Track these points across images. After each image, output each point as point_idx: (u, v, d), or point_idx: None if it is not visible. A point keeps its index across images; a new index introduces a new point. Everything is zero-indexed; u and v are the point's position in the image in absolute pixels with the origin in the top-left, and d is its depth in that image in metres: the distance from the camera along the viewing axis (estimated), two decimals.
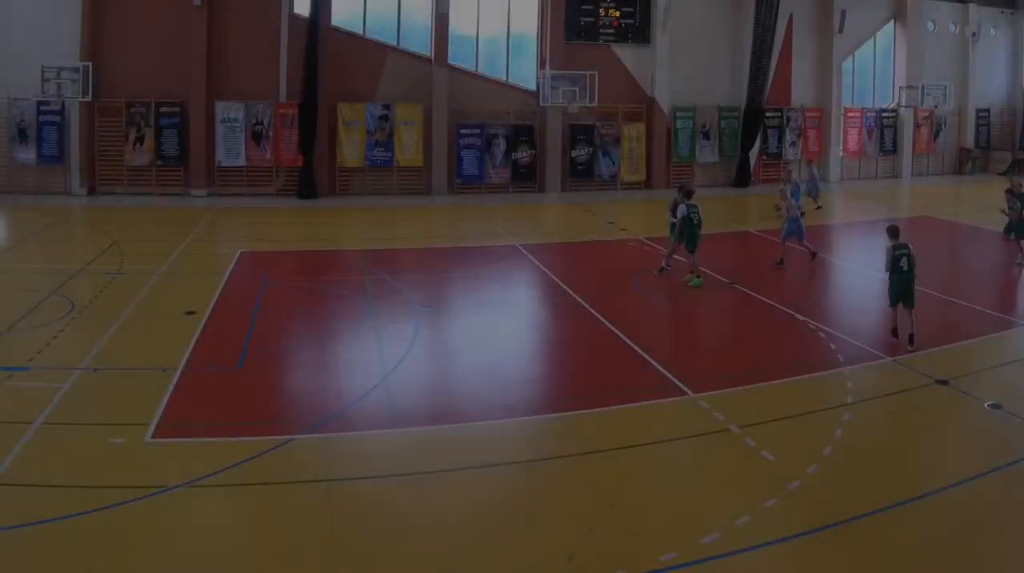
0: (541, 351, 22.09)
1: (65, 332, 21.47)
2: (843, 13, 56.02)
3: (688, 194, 27.77)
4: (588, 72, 49.69)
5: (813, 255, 30.74)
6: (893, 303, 21.03)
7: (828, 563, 11.57)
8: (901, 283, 20.77)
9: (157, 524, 12.24)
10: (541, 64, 51.20)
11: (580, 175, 51.88)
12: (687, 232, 27.18)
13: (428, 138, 49.10)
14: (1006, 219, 32.23)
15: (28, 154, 44.99)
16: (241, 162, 46.87)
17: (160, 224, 36.29)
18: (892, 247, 20.91)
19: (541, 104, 50.17)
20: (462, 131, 49.80)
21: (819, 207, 44.00)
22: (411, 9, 49.51)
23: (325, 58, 46.60)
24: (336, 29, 48.01)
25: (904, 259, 20.68)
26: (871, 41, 59.66)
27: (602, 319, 23.30)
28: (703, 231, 27.60)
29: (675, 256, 28.21)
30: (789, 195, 33.03)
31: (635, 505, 13.20)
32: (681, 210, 27.29)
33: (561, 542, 11.90)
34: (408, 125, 48.69)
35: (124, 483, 13.30)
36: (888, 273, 20.87)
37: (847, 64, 58.57)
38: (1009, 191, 32.16)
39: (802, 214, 31.36)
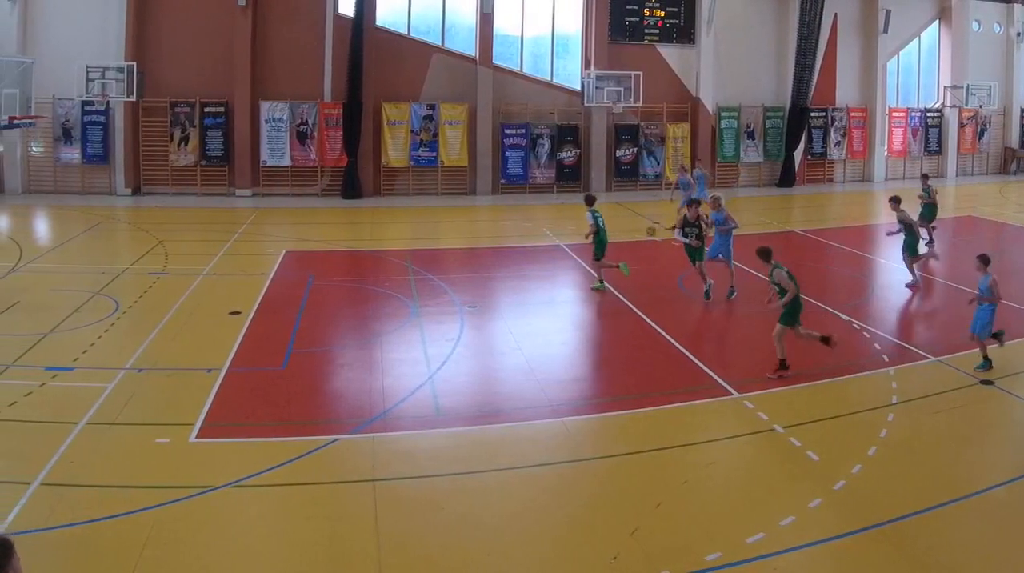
0: (585, 351, 21.56)
1: (110, 332, 21.09)
2: (888, 13, 54.17)
3: (590, 201, 26.91)
4: (633, 72, 48.20)
5: (708, 292, 25.32)
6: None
7: (873, 563, 11.29)
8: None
9: (202, 524, 12.05)
10: (586, 64, 49.75)
11: (625, 175, 50.50)
12: (597, 240, 25.93)
13: (473, 138, 47.91)
14: None
15: (73, 154, 44.30)
16: (286, 162, 45.83)
17: (205, 224, 35.50)
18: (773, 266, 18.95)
19: (586, 104, 48.71)
20: (507, 131, 48.46)
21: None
22: (456, 9, 48.42)
23: (370, 58, 45.52)
24: (381, 29, 46.86)
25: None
26: (916, 41, 57.59)
27: (647, 319, 22.87)
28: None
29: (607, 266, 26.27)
30: (723, 202, 26.47)
31: (680, 505, 12.88)
32: (589, 217, 26.14)
33: (606, 542, 11.70)
34: (453, 125, 47.46)
35: (169, 483, 13.15)
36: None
37: (892, 64, 56.71)
38: None
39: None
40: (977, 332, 18.59)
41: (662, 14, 51.03)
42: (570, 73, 50.64)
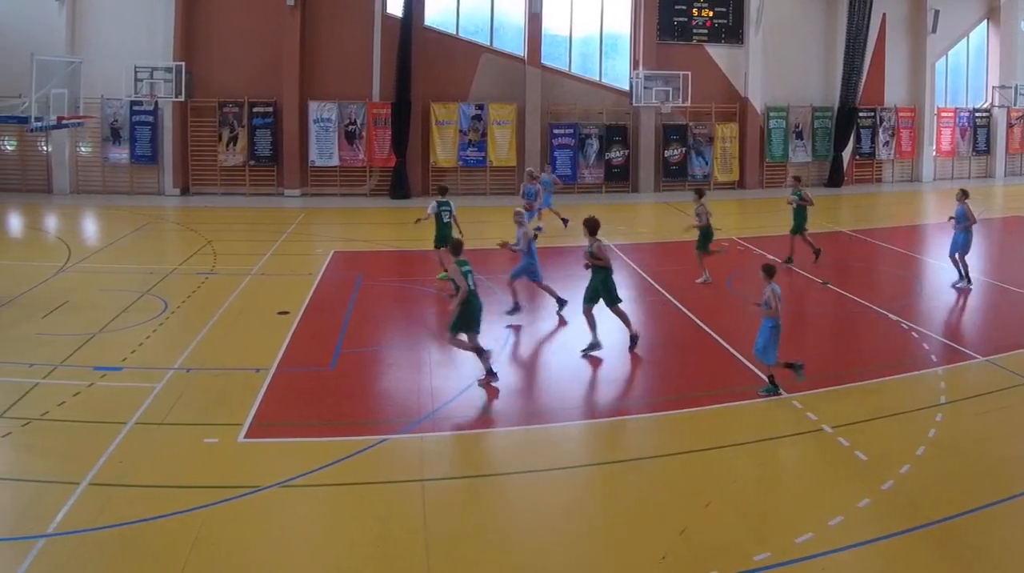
0: (634, 351, 20.21)
1: (158, 332, 20.80)
2: (936, 13, 51.93)
3: (443, 191, 26.89)
4: (681, 72, 46.51)
5: (514, 308, 22.74)
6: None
7: (922, 563, 11.04)
8: None
9: (250, 524, 11.87)
10: (634, 64, 48.03)
11: (673, 175, 48.64)
12: (437, 231, 25.80)
13: (521, 138, 46.37)
14: None
15: (121, 154, 43.57)
16: (334, 162, 44.59)
17: (253, 224, 34.56)
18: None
19: (634, 104, 47.07)
20: (555, 131, 46.87)
21: (564, 221, 35.62)
22: (504, 9, 46.91)
23: (418, 58, 44.24)
24: (429, 29, 45.55)
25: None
26: (964, 41, 55.17)
27: (695, 319, 22.39)
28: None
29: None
30: (525, 219, 23.57)
31: (728, 505, 12.52)
32: (432, 207, 26.01)
33: (654, 542, 11.45)
34: (501, 125, 46.01)
35: (218, 483, 12.94)
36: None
37: (940, 64, 54.42)
38: None
39: (535, 235, 24.15)
40: (758, 354, 17.09)
41: (710, 14, 49.24)
42: (619, 73, 48.92)
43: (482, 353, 17.61)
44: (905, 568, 10.95)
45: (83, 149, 43.69)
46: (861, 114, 51.56)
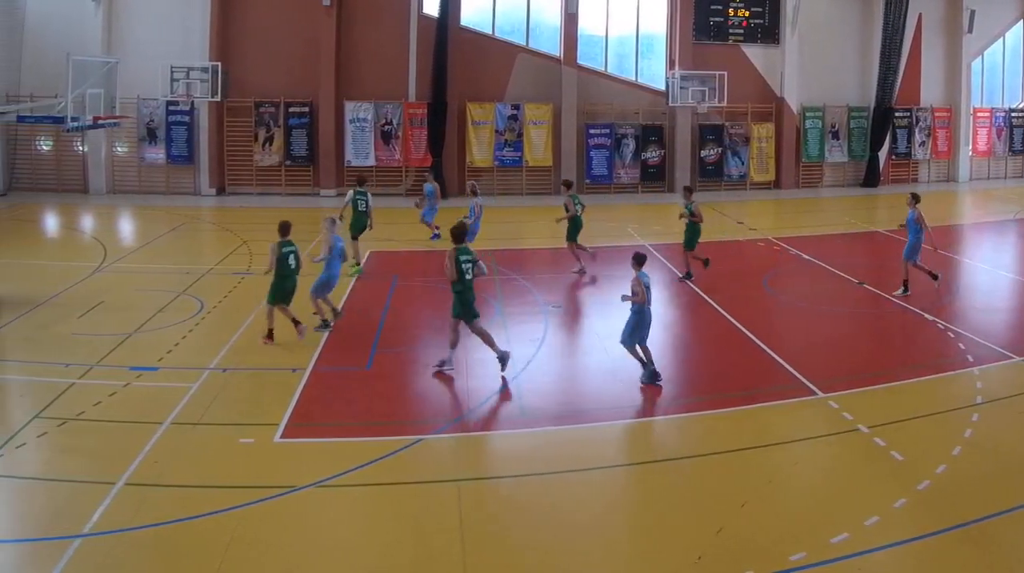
0: (669, 351, 20.27)
1: (194, 332, 20.59)
2: (972, 13, 50.45)
3: (361, 182, 27.08)
4: (717, 72, 45.32)
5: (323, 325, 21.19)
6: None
7: (957, 564, 10.88)
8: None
9: (286, 524, 11.73)
10: (670, 64, 46.83)
11: (709, 175, 47.40)
12: (353, 219, 26.29)
13: (557, 138, 45.31)
14: None
15: (157, 154, 42.90)
16: (370, 162, 43.54)
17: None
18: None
19: (670, 104, 45.80)
20: (591, 131, 45.69)
21: (437, 235, 32.08)
22: (540, 9, 45.82)
23: (454, 58, 43.23)
24: (465, 29, 44.60)
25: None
26: (1000, 41, 53.59)
27: (731, 319, 22.08)
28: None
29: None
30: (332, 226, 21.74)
31: (764, 505, 12.40)
32: (348, 196, 26.43)
33: (690, 542, 11.32)
34: (537, 125, 44.93)
35: (253, 483, 12.80)
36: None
37: (976, 64, 52.82)
38: None
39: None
40: (622, 340, 17.42)
41: (746, 14, 47.95)
42: (654, 73, 47.69)
43: (488, 339, 17.69)
44: (941, 568, 10.81)
45: (119, 149, 43.12)
46: (897, 114, 50.32)
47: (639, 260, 17.36)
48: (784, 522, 11.86)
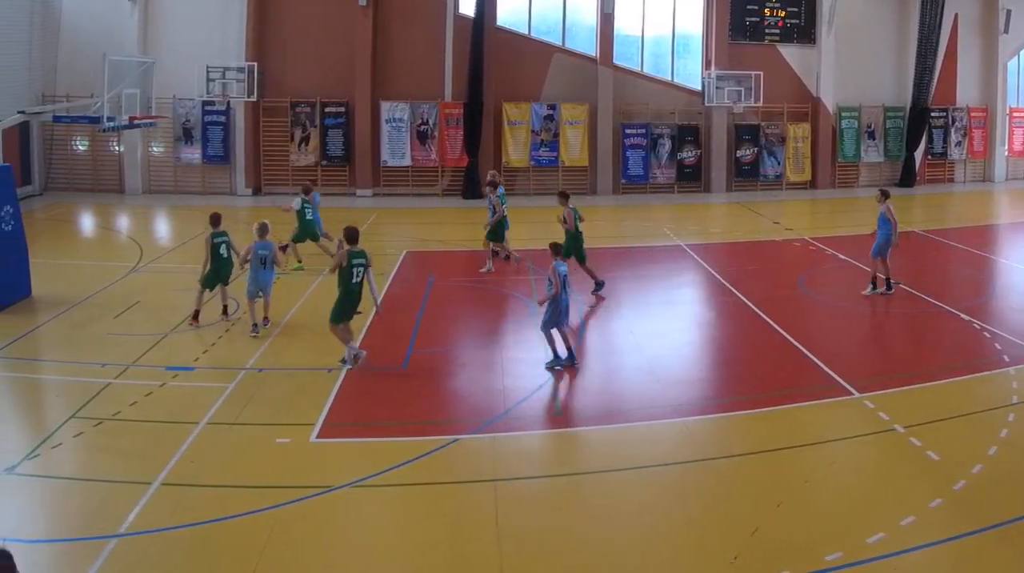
0: (706, 351, 20.53)
1: (231, 332, 20.41)
2: (1008, 13, 48.94)
3: (306, 190, 26.78)
4: (753, 72, 44.19)
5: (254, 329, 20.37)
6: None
7: (994, 563, 10.65)
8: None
9: (322, 524, 11.61)
10: (706, 64, 45.68)
11: (745, 175, 46.31)
12: (299, 226, 26.24)
13: (593, 138, 44.29)
14: None
15: (193, 154, 42.23)
16: (406, 162, 42.81)
17: (325, 224, 32.92)
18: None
19: (706, 104, 44.67)
20: (627, 131, 44.60)
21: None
22: (576, 9, 44.74)
23: (490, 58, 42.25)
24: (501, 29, 43.58)
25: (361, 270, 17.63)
26: None
27: (767, 319, 21.71)
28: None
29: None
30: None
31: (800, 505, 12.26)
32: (296, 203, 26.17)
33: (726, 542, 11.14)
34: (573, 125, 43.91)
35: (290, 483, 12.70)
36: None
37: (1012, 63, 51.40)
38: None
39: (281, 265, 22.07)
40: (541, 328, 17.92)
41: (783, 14, 46.71)
42: (690, 73, 46.53)
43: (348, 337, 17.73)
44: (977, 568, 10.67)
45: (155, 149, 42.50)
46: (933, 114, 48.99)
47: (555, 250, 17.96)
48: (820, 522, 11.75)
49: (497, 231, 26.38)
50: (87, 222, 37.02)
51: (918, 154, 49.25)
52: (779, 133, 46.74)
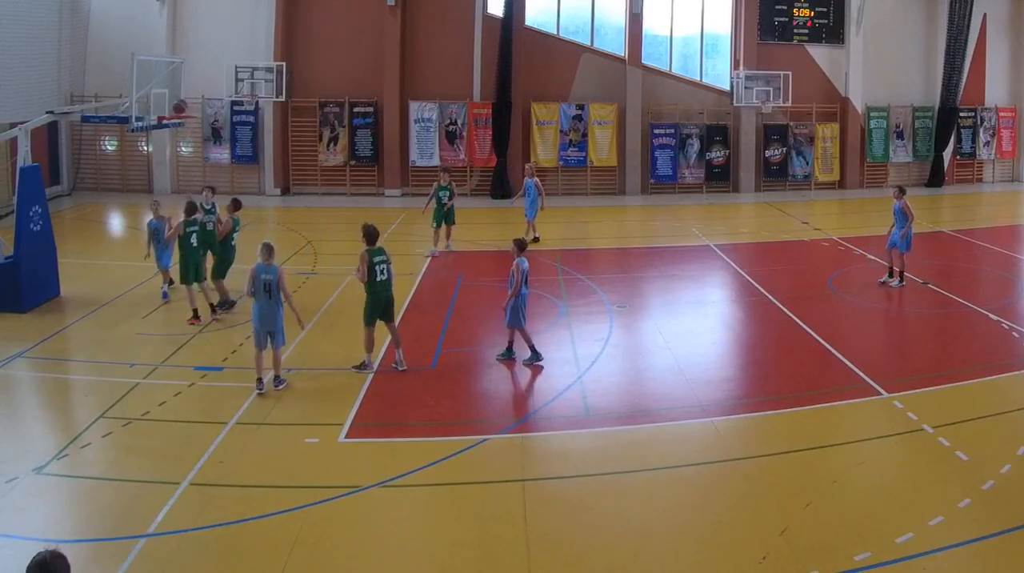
0: (735, 351, 20.29)
1: None
2: None
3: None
4: (782, 72, 43.08)
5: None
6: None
7: (1022, 564, 10.40)
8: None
9: (351, 524, 11.57)
10: (735, 64, 44.61)
11: (774, 175, 45.18)
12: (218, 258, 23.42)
13: (622, 138, 43.25)
14: None
15: (222, 154, 41.58)
16: (435, 162, 41.55)
17: (354, 224, 32.22)
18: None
19: (735, 104, 43.66)
20: (656, 131, 43.50)
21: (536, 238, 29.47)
22: (605, 9, 43.67)
23: (519, 58, 41.42)
24: (530, 29, 42.59)
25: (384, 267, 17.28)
26: None
27: (796, 319, 21.54)
28: None
29: None
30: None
31: (829, 505, 12.08)
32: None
33: (755, 542, 11.09)
34: (602, 125, 42.87)
35: (318, 483, 12.65)
36: None
37: None
38: None
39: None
40: (511, 324, 17.87)
41: (811, 14, 45.53)
42: (719, 73, 45.47)
43: (397, 339, 17.61)
44: (1006, 568, 10.57)
45: (184, 149, 41.81)
46: (962, 114, 47.72)
47: (520, 246, 17.76)
48: (849, 522, 11.64)
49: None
50: (115, 222, 36.68)
51: (946, 154, 48.09)
52: (808, 133, 45.61)
